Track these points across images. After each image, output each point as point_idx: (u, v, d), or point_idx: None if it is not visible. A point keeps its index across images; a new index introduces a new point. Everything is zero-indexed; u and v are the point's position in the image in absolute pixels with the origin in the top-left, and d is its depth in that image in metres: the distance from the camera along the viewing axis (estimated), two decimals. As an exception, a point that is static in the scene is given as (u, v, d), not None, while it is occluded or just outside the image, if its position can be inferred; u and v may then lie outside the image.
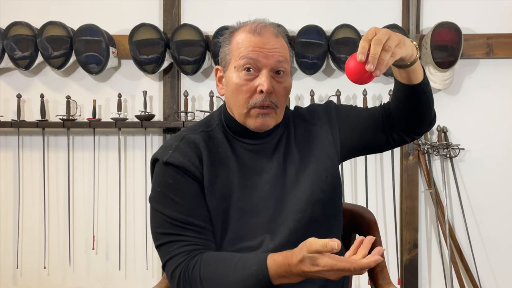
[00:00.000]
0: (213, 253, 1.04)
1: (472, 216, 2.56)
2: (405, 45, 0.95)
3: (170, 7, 2.58)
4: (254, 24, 1.09)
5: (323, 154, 1.16)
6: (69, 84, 2.65)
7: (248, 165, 1.12)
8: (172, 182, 1.07)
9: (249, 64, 1.06)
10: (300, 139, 1.18)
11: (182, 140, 1.12)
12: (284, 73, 1.09)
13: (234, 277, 0.98)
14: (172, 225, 1.05)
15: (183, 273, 1.02)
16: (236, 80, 1.07)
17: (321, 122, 1.20)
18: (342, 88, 2.54)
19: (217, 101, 2.57)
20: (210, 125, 1.17)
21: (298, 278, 0.94)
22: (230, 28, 1.15)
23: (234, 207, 1.09)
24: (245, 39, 1.07)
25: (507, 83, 2.55)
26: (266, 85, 1.05)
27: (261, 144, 1.14)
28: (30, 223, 2.65)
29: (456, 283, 2.49)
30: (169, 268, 1.04)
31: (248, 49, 1.06)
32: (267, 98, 1.06)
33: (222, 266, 1.00)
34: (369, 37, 0.91)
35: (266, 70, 1.06)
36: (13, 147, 2.64)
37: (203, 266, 1.01)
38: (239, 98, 1.08)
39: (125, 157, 2.64)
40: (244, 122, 1.11)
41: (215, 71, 1.17)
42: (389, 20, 2.50)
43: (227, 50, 1.11)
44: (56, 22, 2.47)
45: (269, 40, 1.07)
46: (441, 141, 2.52)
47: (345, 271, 0.89)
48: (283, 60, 1.08)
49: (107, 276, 2.64)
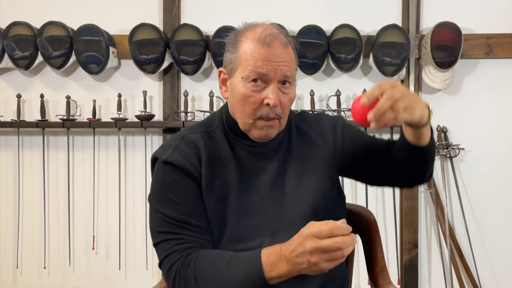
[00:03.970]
0: (209, 250, 1.05)
1: (472, 216, 2.56)
2: (414, 111, 0.93)
3: (170, 7, 2.58)
4: (264, 34, 1.06)
5: (324, 162, 1.17)
6: (69, 84, 2.65)
7: (248, 166, 1.13)
8: (171, 181, 1.08)
9: (257, 77, 1.06)
10: (302, 144, 1.18)
11: (182, 140, 1.13)
12: (290, 84, 1.09)
13: (228, 271, 0.98)
14: (169, 224, 1.06)
15: (179, 271, 1.03)
16: (243, 90, 1.06)
17: (325, 133, 1.20)
18: (342, 88, 2.54)
19: (217, 101, 2.57)
20: (211, 125, 1.17)
21: (287, 264, 0.95)
22: (236, 30, 1.13)
23: (232, 207, 1.09)
24: (254, 50, 1.05)
25: (507, 83, 2.55)
26: (273, 100, 1.05)
27: (261, 146, 1.14)
28: (30, 223, 2.65)
29: (456, 283, 2.49)
30: (165, 265, 1.06)
31: (258, 63, 1.04)
32: (273, 111, 1.07)
33: (217, 261, 1.01)
34: (383, 88, 0.90)
35: (273, 83, 1.06)
36: (13, 147, 2.64)
37: (198, 263, 1.02)
38: (245, 108, 1.08)
39: (125, 157, 2.64)
40: (248, 131, 1.11)
41: (219, 73, 1.16)
42: (389, 20, 2.50)
43: (233, 57, 1.09)
44: (56, 22, 2.47)
45: (278, 53, 1.06)
46: (441, 141, 2.52)
47: (330, 248, 0.89)
48: (291, 72, 1.08)
49: (107, 276, 2.64)
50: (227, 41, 1.13)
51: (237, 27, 1.14)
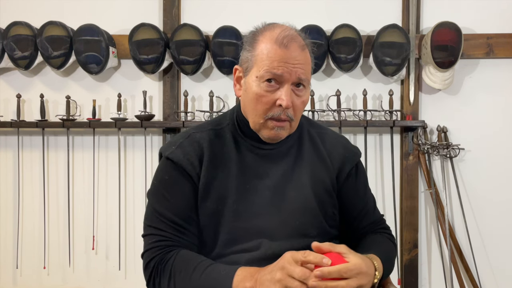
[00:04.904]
0: (189, 252, 1.07)
1: (472, 216, 2.56)
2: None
3: (170, 7, 2.58)
4: (282, 35, 1.06)
5: (328, 179, 1.17)
6: (69, 84, 2.64)
7: (251, 168, 1.12)
8: (167, 178, 1.11)
9: (271, 77, 1.05)
10: (313, 155, 1.18)
11: (188, 138, 1.14)
12: (304, 87, 1.09)
13: (200, 276, 1.00)
14: (158, 220, 1.09)
15: (157, 266, 1.06)
16: (257, 89, 1.06)
17: (337, 159, 1.19)
18: (342, 88, 2.54)
19: (217, 101, 2.57)
20: (220, 124, 1.18)
21: (253, 282, 0.95)
22: (255, 29, 1.12)
23: (229, 209, 1.09)
24: (270, 51, 1.05)
25: (507, 83, 2.55)
26: (286, 101, 1.05)
27: (268, 150, 1.14)
28: (30, 223, 2.65)
29: (456, 283, 2.49)
30: (145, 258, 1.09)
31: (273, 63, 1.04)
32: (285, 112, 1.07)
33: (194, 264, 1.02)
34: (343, 274, 0.91)
35: (287, 84, 1.06)
36: (13, 147, 2.64)
37: (176, 262, 1.04)
38: (257, 108, 1.08)
39: (125, 157, 2.64)
40: (258, 131, 1.11)
41: (234, 71, 1.16)
42: (389, 20, 2.50)
43: (250, 56, 1.09)
44: (56, 22, 2.47)
45: (295, 55, 1.06)
46: (441, 141, 2.52)
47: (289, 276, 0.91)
48: (306, 75, 1.08)
49: (107, 276, 2.64)
50: (245, 39, 1.13)
51: (256, 26, 1.13)
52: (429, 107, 2.57)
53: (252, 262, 1.06)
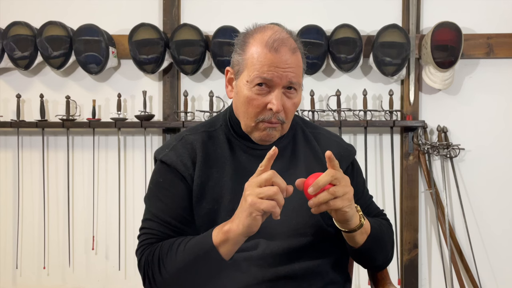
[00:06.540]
0: (172, 238, 1.09)
1: (472, 216, 2.56)
2: (345, 215, 0.98)
3: (170, 7, 2.58)
4: (272, 38, 1.05)
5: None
6: (69, 84, 2.64)
7: (245, 168, 1.12)
8: (162, 181, 1.12)
9: (261, 82, 1.05)
10: (308, 154, 1.18)
11: (181, 141, 1.15)
12: (295, 89, 1.09)
13: (184, 250, 1.02)
14: (151, 221, 1.11)
15: (146, 260, 1.07)
16: (248, 93, 1.07)
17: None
18: (342, 88, 2.53)
19: (216, 101, 2.57)
20: (213, 125, 1.18)
21: (229, 222, 0.98)
22: (245, 30, 1.12)
23: (224, 209, 1.09)
24: (260, 55, 1.05)
25: (507, 83, 2.55)
26: (276, 106, 1.05)
27: (262, 150, 1.13)
28: (29, 223, 2.65)
29: (456, 283, 2.48)
30: (138, 255, 1.11)
31: (263, 68, 1.04)
32: (276, 116, 1.07)
33: (178, 242, 1.04)
34: (333, 180, 0.95)
35: (278, 89, 1.06)
36: (12, 147, 2.64)
37: (162, 246, 1.06)
38: (248, 111, 1.08)
39: (124, 157, 2.64)
40: (250, 133, 1.12)
41: (226, 72, 1.16)
42: (389, 20, 2.50)
43: (240, 59, 1.09)
44: (55, 22, 2.47)
45: (285, 58, 1.05)
46: (441, 141, 2.52)
47: (263, 181, 0.94)
48: (297, 78, 1.08)
49: (107, 276, 2.64)
50: (236, 41, 1.13)
51: (247, 28, 1.13)
52: (429, 107, 2.57)
53: (250, 262, 1.06)
